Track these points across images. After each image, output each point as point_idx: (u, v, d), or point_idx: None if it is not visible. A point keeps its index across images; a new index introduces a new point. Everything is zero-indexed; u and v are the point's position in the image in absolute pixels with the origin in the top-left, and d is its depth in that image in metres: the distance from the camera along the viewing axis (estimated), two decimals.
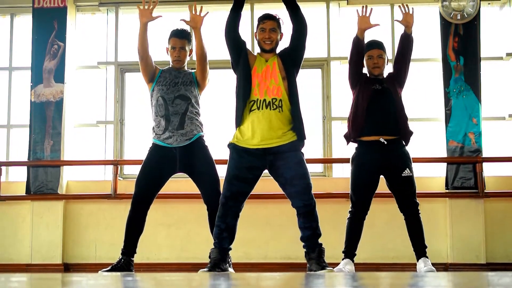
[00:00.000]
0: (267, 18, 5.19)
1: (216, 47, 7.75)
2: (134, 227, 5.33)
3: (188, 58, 5.59)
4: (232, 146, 5.08)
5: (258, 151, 4.94)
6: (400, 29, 7.61)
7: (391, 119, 5.51)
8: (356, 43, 5.57)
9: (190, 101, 5.40)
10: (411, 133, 5.59)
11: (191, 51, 5.61)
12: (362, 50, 5.61)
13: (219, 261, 4.94)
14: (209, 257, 5.02)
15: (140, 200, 5.31)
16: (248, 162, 4.95)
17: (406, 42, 5.64)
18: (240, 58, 5.13)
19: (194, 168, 5.34)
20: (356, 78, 5.63)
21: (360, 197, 5.50)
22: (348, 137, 5.61)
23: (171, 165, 5.34)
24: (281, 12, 7.63)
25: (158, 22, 7.70)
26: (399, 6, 5.70)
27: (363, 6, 5.52)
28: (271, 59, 5.14)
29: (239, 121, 5.03)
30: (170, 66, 5.60)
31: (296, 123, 5.03)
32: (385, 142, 5.46)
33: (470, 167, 7.10)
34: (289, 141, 4.98)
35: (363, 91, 5.56)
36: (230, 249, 5.11)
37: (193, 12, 5.35)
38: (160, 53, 5.89)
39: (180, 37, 5.52)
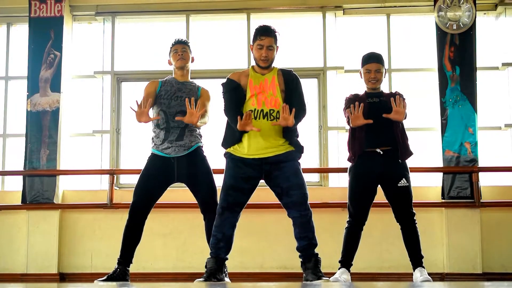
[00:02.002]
0: (265, 34, 5.08)
1: (214, 57, 7.77)
2: (131, 236, 5.33)
3: (190, 64, 5.62)
4: (228, 156, 5.08)
5: (255, 161, 4.94)
6: (397, 39, 7.68)
7: (388, 131, 5.49)
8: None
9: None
10: (410, 153, 5.57)
11: (193, 58, 5.61)
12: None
13: (215, 271, 4.93)
14: (205, 266, 5.02)
15: (138, 209, 5.31)
16: (244, 172, 4.94)
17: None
18: None
19: (192, 177, 5.35)
20: None
21: (358, 208, 5.49)
22: (353, 159, 5.54)
23: (169, 174, 5.35)
24: (278, 21, 7.69)
25: (155, 32, 7.74)
26: (392, 98, 5.43)
27: (353, 106, 5.43)
28: (270, 74, 5.12)
29: (236, 131, 4.98)
30: (172, 76, 5.59)
31: (293, 136, 5.04)
32: (381, 152, 5.46)
33: (466, 176, 7.09)
34: (286, 151, 4.98)
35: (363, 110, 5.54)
36: (227, 259, 5.10)
37: (190, 108, 5.15)
38: (158, 62, 5.87)
39: (181, 42, 5.57)
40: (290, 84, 5.13)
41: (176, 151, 5.31)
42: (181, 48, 5.54)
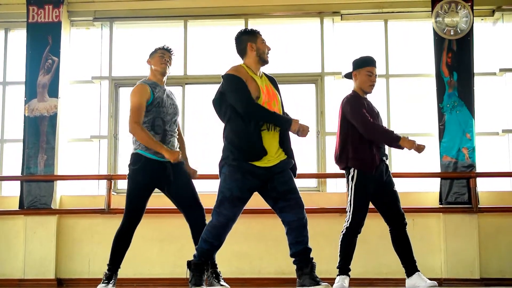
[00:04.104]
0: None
1: (212, 62, 7.77)
2: (127, 242, 5.33)
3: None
4: (235, 165, 4.81)
5: (264, 170, 4.78)
6: (394, 45, 7.67)
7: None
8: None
9: (177, 124, 5.49)
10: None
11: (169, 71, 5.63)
12: None
13: (204, 273, 4.93)
14: (192, 268, 4.95)
15: (139, 216, 5.28)
16: (251, 184, 4.79)
17: None
18: None
19: (179, 186, 5.32)
20: None
21: (363, 215, 5.45)
22: (369, 165, 5.43)
23: (162, 179, 5.30)
24: (276, 27, 7.70)
25: (153, 38, 7.72)
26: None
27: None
28: (264, 79, 5.04)
29: (251, 139, 4.78)
30: (153, 80, 5.47)
31: (288, 145, 4.99)
32: (387, 162, 5.50)
33: (464, 182, 7.10)
34: (284, 158, 4.92)
35: (371, 117, 5.52)
36: None
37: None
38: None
39: (169, 51, 5.53)
40: (279, 93, 5.09)
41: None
42: (168, 55, 5.50)
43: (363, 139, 5.43)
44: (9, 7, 7.93)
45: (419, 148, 5.44)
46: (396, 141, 5.40)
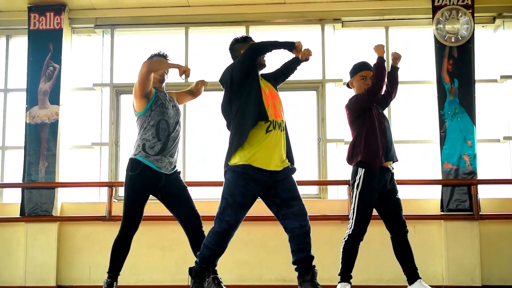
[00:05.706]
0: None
1: (213, 69, 7.76)
2: (126, 249, 5.35)
3: None
4: (238, 170, 4.79)
5: (267, 177, 4.78)
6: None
7: (392, 143, 5.58)
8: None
9: (180, 128, 5.48)
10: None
11: None
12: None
13: (205, 280, 4.93)
14: (193, 275, 4.95)
15: (135, 222, 5.29)
16: (253, 190, 4.79)
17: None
18: (250, 78, 4.93)
19: (175, 195, 5.32)
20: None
21: (366, 222, 5.45)
22: (372, 164, 5.42)
23: (156, 188, 5.30)
24: (277, 34, 7.70)
25: (154, 45, 7.72)
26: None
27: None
28: (264, 81, 5.05)
29: (251, 140, 4.80)
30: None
31: (290, 151, 5.00)
32: (392, 170, 5.50)
33: (465, 189, 7.09)
34: (288, 165, 4.92)
35: (373, 113, 5.53)
36: None
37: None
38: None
39: (166, 58, 5.53)
40: (277, 90, 5.13)
41: (166, 167, 5.27)
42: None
43: (372, 137, 5.45)
44: (10, 14, 7.94)
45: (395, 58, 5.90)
46: (381, 63, 5.63)
